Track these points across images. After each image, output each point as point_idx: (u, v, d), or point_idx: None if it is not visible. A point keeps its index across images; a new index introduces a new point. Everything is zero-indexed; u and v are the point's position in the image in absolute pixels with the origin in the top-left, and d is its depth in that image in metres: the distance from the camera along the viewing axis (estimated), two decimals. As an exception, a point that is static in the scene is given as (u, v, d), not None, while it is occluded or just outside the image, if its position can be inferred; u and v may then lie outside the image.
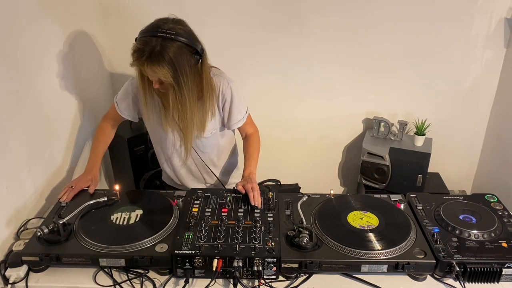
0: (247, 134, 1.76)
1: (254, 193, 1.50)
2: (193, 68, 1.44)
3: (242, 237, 1.33)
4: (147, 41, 1.36)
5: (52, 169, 1.77)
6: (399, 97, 2.47)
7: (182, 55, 1.38)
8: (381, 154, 2.35)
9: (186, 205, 1.51)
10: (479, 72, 2.38)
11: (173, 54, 1.36)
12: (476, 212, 1.48)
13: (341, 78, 2.43)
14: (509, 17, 2.22)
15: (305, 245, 1.30)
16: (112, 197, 1.53)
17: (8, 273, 1.30)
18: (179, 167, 1.78)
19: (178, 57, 1.37)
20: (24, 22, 1.56)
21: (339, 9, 2.26)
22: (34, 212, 1.62)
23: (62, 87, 1.88)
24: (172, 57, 1.36)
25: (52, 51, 1.78)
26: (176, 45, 1.37)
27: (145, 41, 1.36)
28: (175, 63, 1.37)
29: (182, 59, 1.38)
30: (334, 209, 1.50)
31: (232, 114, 1.65)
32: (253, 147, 1.72)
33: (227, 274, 1.28)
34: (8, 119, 1.46)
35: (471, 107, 2.48)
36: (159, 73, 1.38)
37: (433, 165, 2.40)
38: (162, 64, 1.35)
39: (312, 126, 2.57)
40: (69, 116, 1.95)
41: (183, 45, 1.39)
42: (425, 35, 2.30)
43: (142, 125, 2.28)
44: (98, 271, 1.33)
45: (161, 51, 1.34)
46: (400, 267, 1.28)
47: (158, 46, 1.35)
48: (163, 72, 1.37)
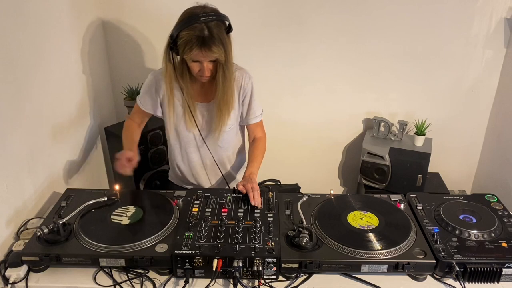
0: (256, 137, 1.79)
1: (254, 193, 1.50)
2: (229, 44, 1.52)
3: (242, 237, 1.33)
4: (193, 28, 1.43)
5: (52, 169, 1.77)
6: (399, 97, 2.47)
7: (222, 32, 1.48)
8: (381, 154, 2.35)
9: (186, 205, 1.51)
10: (479, 72, 2.38)
11: (218, 32, 1.45)
12: (476, 212, 1.48)
13: (341, 78, 2.43)
14: (509, 17, 2.22)
15: (305, 245, 1.30)
16: (112, 197, 1.53)
17: (8, 273, 1.30)
18: (195, 163, 1.80)
19: (221, 34, 1.47)
20: (24, 22, 1.56)
21: (339, 9, 2.26)
22: (34, 212, 1.62)
23: (62, 87, 1.88)
24: (220, 35, 1.45)
25: (52, 51, 1.77)
26: (215, 24, 1.45)
27: (192, 29, 1.43)
28: (222, 39, 1.46)
29: (224, 35, 1.48)
30: (334, 209, 1.50)
31: (251, 108, 1.72)
32: (258, 151, 1.75)
33: (227, 274, 1.28)
34: (8, 119, 1.46)
35: (471, 107, 2.48)
36: (216, 53, 1.46)
37: (433, 165, 2.40)
38: (216, 43, 1.44)
39: (312, 126, 2.57)
40: (69, 116, 1.95)
41: (220, 23, 1.47)
42: (425, 35, 2.30)
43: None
44: (98, 271, 1.33)
45: (210, 32, 1.43)
46: (400, 267, 1.28)
47: (205, 29, 1.43)
48: (219, 51, 1.46)
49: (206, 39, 1.43)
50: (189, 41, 1.43)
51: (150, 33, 2.33)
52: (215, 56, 1.47)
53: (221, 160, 1.80)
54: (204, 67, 1.51)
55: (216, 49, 1.45)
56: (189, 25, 1.43)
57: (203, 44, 1.43)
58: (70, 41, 1.95)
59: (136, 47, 2.37)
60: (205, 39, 1.42)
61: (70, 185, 1.78)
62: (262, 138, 1.80)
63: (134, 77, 2.37)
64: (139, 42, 2.35)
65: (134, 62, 2.40)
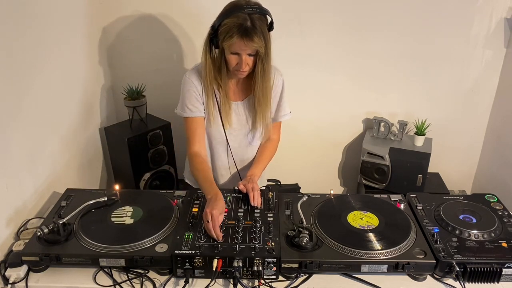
0: (270, 138, 1.79)
1: (255, 193, 1.50)
2: (270, 40, 1.52)
3: (242, 237, 1.33)
4: (236, 17, 1.43)
5: (52, 169, 1.77)
6: (399, 97, 2.47)
7: (264, 26, 1.48)
8: (381, 154, 2.35)
9: (186, 205, 1.51)
10: (479, 72, 2.38)
11: (261, 25, 1.45)
12: (476, 212, 1.48)
13: (341, 78, 2.43)
14: (509, 17, 2.22)
15: (305, 245, 1.30)
16: (112, 197, 1.53)
17: (8, 273, 1.30)
18: (222, 163, 1.78)
19: (263, 27, 1.47)
20: (24, 23, 1.56)
21: (339, 9, 2.26)
22: (34, 212, 1.62)
23: (63, 88, 1.88)
24: (262, 27, 1.45)
25: (52, 51, 1.77)
26: (258, 17, 1.45)
27: (235, 17, 1.43)
28: (263, 32, 1.46)
29: (266, 30, 1.48)
30: (334, 209, 1.50)
31: (281, 105, 1.73)
32: (266, 154, 1.76)
33: (227, 274, 1.28)
34: (8, 119, 1.46)
35: (471, 107, 2.48)
36: (257, 43, 1.45)
37: (433, 165, 2.40)
38: (258, 35, 1.44)
39: (312, 126, 2.57)
40: (69, 116, 1.95)
41: (263, 17, 1.48)
42: (425, 35, 2.30)
43: (142, 125, 2.30)
44: (98, 271, 1.33)
45: (253, 23, 1.43)
46: (400, 267, 1.28)
47: (248, 20, 1.43)
48: (260, 43, 1.46)
49: (248, 28, 1.42)
50: (231, 28, 1.43)
51: (150, 33, 2.33)
52: (255, 46, 1.46)
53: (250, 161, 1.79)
54: (242, 60, 1.49)
55: (257, 39, 1.44)
56: (233, 14, 1.43)
57: (245, 33, 1.42)
58: (70, 41, 1.95)
59: (136, 47, 2.37)
60: (247, 28, 1.42)
61: (70, 185, 1.78)
62: (275, 140, 1.80)
63: (134, 77, 2.37)
64: (139, 42, 2.35)
65: (134, 62, 2.40)
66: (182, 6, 2.25)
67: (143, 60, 2.41)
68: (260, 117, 1.66)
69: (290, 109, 1.77)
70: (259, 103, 1.63)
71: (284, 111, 1.75)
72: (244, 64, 1.50)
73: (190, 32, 2.31)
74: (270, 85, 1.61)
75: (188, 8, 2.25)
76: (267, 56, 1.52)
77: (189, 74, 1.63)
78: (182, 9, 2.26)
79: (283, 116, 1.75)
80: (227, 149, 1.75)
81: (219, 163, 1.78)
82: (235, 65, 1.52)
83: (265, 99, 1.62)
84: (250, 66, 1.53)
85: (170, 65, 2.40)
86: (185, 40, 2.34)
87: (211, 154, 1.77)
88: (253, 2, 1.48)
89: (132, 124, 2.29)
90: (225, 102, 1.63)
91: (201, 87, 1.62)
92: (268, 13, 1.50)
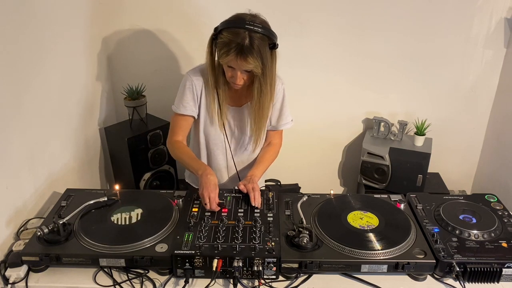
0: (271, 142, 1.79)
1: (255, 193, 1.50)
2: (271, 59, 1.50)
3: (242, 237, 1.33)
4: (236, 33, 1.41)
5: (52, 169, 1.77)
6: (399, 97, 2.47)
7: (264, 47, 1.44)
8: (381, 154, 2.35)
9: (186, 205, 1.51)
10: (479, 72, 2.38)
11: (260, 45, 1.42)
12: (476, 212, 1.48)
13: (341, 78, 2.43)
14: (509, 17, 2.23)
15: (305, 245, 1.30)
16: (112, 197, 1.53)
17: (8, 273, 1.30)
18: (220, 165, 1.78)
19: (263, 48, 1.44)
20: (24, 23, 1.56)
21: (339, 9, 2.26)
22: (34, 212, 1.62)
23: (63, 87, 1.88)
24: (260, 48, 1.43)
25: (52, 52, 1.77)
26: (259, 37, 1.42)
27: (234, 33, 1.41)
28: (262, 53, 1.43)
29: (265, 50, 1.45)
30: (334, 209, 1.50)
31: (283, 114, 1.72)
32: (268, 157, 1.75)
33: (227, 274, 1.28)
34: (8, 119, 1.46)
35: (471, 107, 2.48)
36: (252, 64, 1.43)
37: (433, 165, 2.40)
38: (254, 55, 1.42)
39: (312, 126, 2.57)
40: (69, 116, 1.95)
41: (265, 37, 1.44)
42: (425, 35, 2.30)
43: (142, 125, 2.30)
44: (98, 271, 1.33)
45: (251, 43, 1.41)
46: (400, 267, 1.28)
47: (246, 38, 1.40)
48: (255, 63, 1.44)
49: (245, 48, 1.40)
50: (227, 44, 1.42)
51: (150, 33, 2.33)
52: (250, 67, 1.45)
53: (244, 162, 1.80)
54: (236, 75, 1.49)
55: (252, 60, 1.42)
56: (234, 27, 1.41)
57: (240, 52, 1.41)
58: (70, 42, 1.95)
59: (136, 47, 2.37)
60: (243, 47, 1.40)
61: (70, 185, 1.78)
62: (277, 145, 1.80)
63: (134, 77, 2.37)
64: (139, 42, 2.35)
65: (134, 62, 2.41)
66: (182, 6, 2.25)
67: (143, 60, 2.41)
68: (255, 128, 1.66)
69: (291, 117, 1.76)
70: (254, 117, 1.63)
71: (285, 119, 1.74)
72: (238, 79, 1.50)
73: (190, 33, 2.31)
74: (267, 102, 1.59)
75: (188, 8, 2.25)
76: (264, 76, 1.50)
77: (191, 72, 1.64)
78: (182, 9, 2.26)
79: (284, 124, 1.75)
80: (225, 151, 1.75)
81: (215, 164, 1.78)
82: (230, 77, 1.52)
83: (260, 115, 1.62)
84: (245, 80, 1.52)
85: (170, 65, 2.41)
86: (185, 40, 2.34)
87: (207, 155, 1.78)
88: (259, 20, 1.46)
89: (132, 124, 2.29)
90: (223, 105, 1.63)
91: (201, 87, 1.62)
92: (272, 35, 1.47)
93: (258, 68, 1.45)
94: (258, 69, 1.46)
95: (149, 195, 1.62)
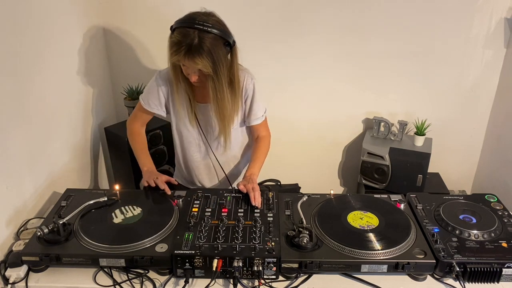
0: (260, 136, 1.78)
1: (255, 193, 1.50)
2: (226, 59, 1.49)
3: (242, 237, 1.33)
4: (185, 33, 1.40)
5: (52, 169, 1.77)
6: (399, 97, 2.47)
7: (218, 46, 1.43)
8: (381, 154, 2.35)
9: (186, 205, 1.51)
10: (479, 72, 2.38)
11: (211, 45, 1.41)
12: (476, 212, 1.48)
13: (341, 78, 2.43)
14: (509, 17, 2.22)
15: (305, 245, 1.30)
16: (112, 197, 1.53)
17: (8, 273, 1.30)
18: (198, 163, 1.80)
19: (215, 48, 1.42)
20: (24, 23, 1.56)
21: (339, 9, 2.26)
22: (34, 212, 1.62)
23: (63, 88, 1.88)
24: (210, 48, 1.41)
25: (52, 52, 1.77)
26: (211, 37, 1.41)
27: (183, 33, 1.40)
28: (213, 53, 1.42)
29: (218, 50, 1.43)
30: (334, 209, 1.50)
31: (252, 110, 1.70)
32: (261, 151, 1.75)
33: (227, 274, 1.28)
34: (8, 119, 1.46)
35: (471, 107, 2.48)
36: (200, 64, 1.42)
37: (433, 165, 2.40)
38: (202, 55, 1.40)
39: (312, 126, 2.56)
40: (69, 116, 1.95)
41: (218, 37, 1.43)
42: (425, 35, 2.30)
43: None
44: (98, 271, 1.33)
45: (200, 43, 1.39)
46: (400, 267, 1.28)
47: (196, 38, 1.39)
48: (204, 63, 1.42)
49: (193, 48, 1.39)
50: (177, 43, 1.41)
51: (150, 33, 2.33)
52: (198, 67, 1.44)
53: (225, 159, 1.80)
54: (191, 73, 1.49)
55: (200, 60, 1.41)
56: (184, 27, 1.40)
57: (188, 52, 1.40)
58: (70, 42, 1.95)
59: (136, 47, 2.36)
60: (191, 47, 1.39)
61: (70, 185, 1.78)
62: (266, 137, 1.79)
63: (134, 77, 2.37)
64: (139, 42, 2.35)
65: (134, 62, 2.40)
66: (182, 7, 2.24)
67: (143, 60, 2.40)
68: (221, 126, 1.65)
69: (263, 111, 1.73)
70: (217, 117, 1.62)
71: (256, 115, 1.71)
72: (191, 76, 1.50)
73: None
74: (227, 102, 1.56)
75: (188, 8, 2.25)
76: (217, 76, 1.47)
77: (159, 73, 1.66)
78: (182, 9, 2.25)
79: (255, 120, 1.72)
80: (199, 148, 1.76)
81: (195, 162, 1.79)
82: (187, 75, 1.52)
83: (222, 115, 1.60)
84: (201, 77, 1.51)
85: (170, 65, 2.40)
86: (185, 40, 2.34)
87: (183, 154, 1.79)
88: (212, 20, 1.43)
89: (132, 124, 2.29)
90: (192, 102, 1.63)
91: (168, 89, 1.64)
92: (225, 35, 1.44)
93: (208, 67, 1.43)
94: (208, 69, 1.44)
95: (149, 195, 1.62)
